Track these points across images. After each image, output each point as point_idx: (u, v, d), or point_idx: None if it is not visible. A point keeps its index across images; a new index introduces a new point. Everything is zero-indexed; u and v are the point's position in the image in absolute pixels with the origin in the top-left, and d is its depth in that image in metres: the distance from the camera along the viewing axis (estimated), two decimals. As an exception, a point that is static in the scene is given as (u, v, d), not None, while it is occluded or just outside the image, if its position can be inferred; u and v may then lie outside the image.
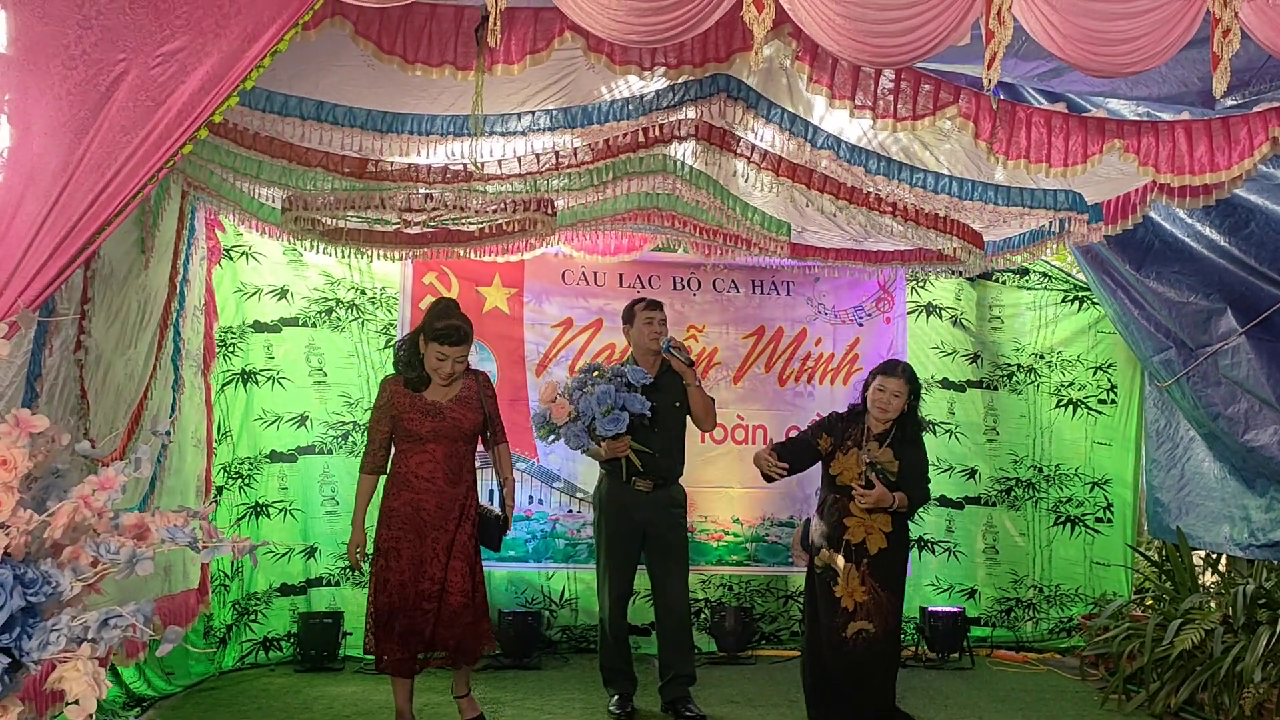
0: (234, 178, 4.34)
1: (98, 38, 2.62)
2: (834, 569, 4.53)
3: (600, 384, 4.92)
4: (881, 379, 4.61)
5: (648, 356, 5.11)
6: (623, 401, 4.88)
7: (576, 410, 4.90)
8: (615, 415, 4.85)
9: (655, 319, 5.12)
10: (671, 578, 5.08)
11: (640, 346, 5.14)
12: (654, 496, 5.03)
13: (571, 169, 4.18)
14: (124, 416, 4.29)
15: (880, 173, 4.12)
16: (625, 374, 4.97)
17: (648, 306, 5.16)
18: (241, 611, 6.05)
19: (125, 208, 2.68)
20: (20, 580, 1.98)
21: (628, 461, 4.98)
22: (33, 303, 2.52)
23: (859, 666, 4.49)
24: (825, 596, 4.57)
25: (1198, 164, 3.65)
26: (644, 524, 5.02)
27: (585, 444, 4.95)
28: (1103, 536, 6.87)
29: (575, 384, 5.01)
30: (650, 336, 5.09)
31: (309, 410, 6.27)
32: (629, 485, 5.01)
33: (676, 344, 5.10)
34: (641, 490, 5.01)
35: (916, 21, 2.87)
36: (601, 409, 4.85)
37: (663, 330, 5.13)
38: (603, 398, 4.86)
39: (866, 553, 4.51)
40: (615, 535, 5.06)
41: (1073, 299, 6.93)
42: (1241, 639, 4.90)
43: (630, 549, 5.06)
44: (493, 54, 3.17)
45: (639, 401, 4.91)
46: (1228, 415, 5.43)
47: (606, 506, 5.10)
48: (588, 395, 4.89)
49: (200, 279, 5.52)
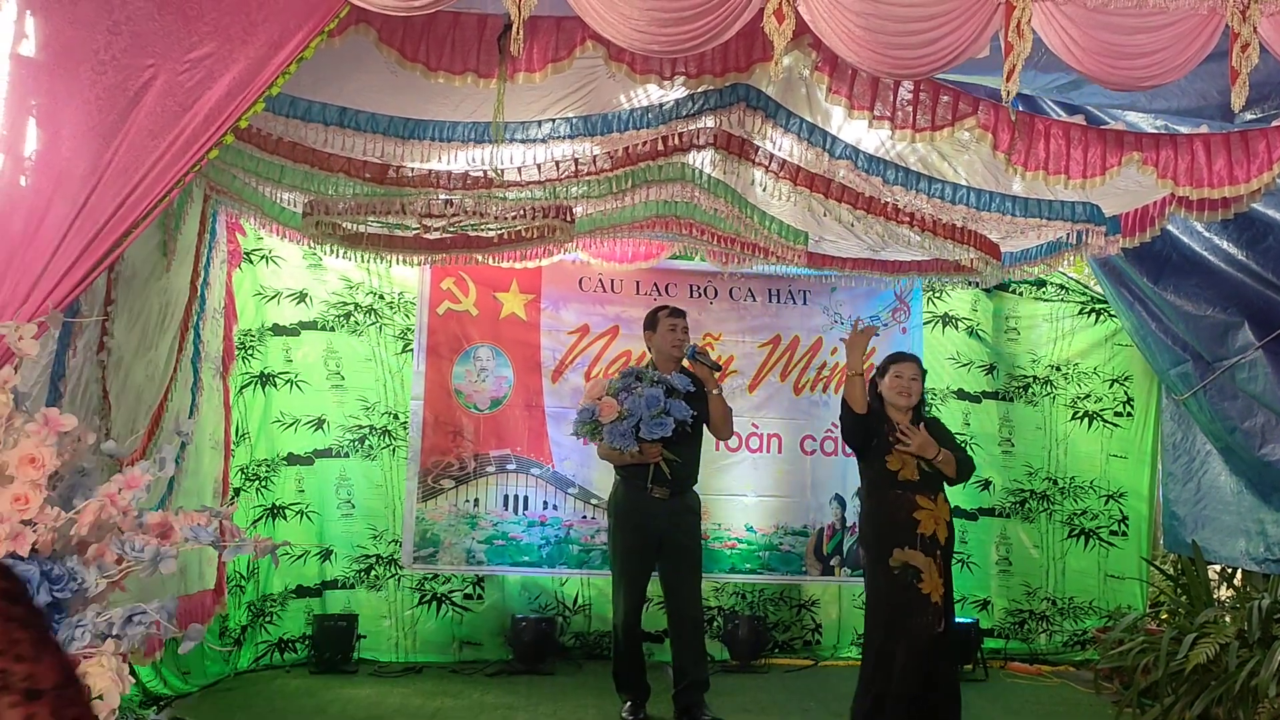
0: (256, 182, 4.38)
1: (127, 43, 2.66)
2: (915, 566, 4.39)
3: (649, 387, 4.95)
4: (896, 367, 4.60)
5: (669, 364, 5.13)
6: (669, 406, 4.91)
7: (625, 410, 4.91)
8: (662, 419, 4.88)
9: (678, 326, 5.14)
10: (685, 585, 5.09)
11: (662, 353, 5.16)
12: (670, 504, 5.04)
13: (590, 176, 4.20)
14: (144, 417, 4.33)
15: (898, 183, 4.13)
16: (670, 380, 5.01)
17: (671, 314, 5.18)
18: (257, 613, 6.09)
19: (151, 212, 2.73)
20: (47, 576, 2.01)
21: (655, 468, 4.98)
22: (60, 304, 2.56)
23: (938, 664, 4.41)
24: (913, 595, 4.38)
25: (1216, 177, 3.66)
26: (660, 531, 5.02)
27: (627, 444, 4.91)
28: (1117, 549, 6.84)
29: (620, 385, 5.02)
30: (673, 343, 5.11)
31: (326, 413, 6.31)
32: (646, 492, 5.01)
33: (701, 349, 5.13)
34: (658, 497, 5.01)
35: (936, 34, 2.89)
36: (651, 411, 4.87)
37: (685, 338, 5.15)
38: (652, 401, 4.88)
39: (939, 544, 4.45)
40: (631, 542, 5.06)
41: (1090, 311, 6.92)
42: (1257, 654, 4.87)
43: (646, 556, 5.06)
44: (515, 62, 3.20)
45: (682, 408, 4.94)
46: (1244, 429, 5.41)
47: (622, 513, 5.10)
48: (637, 397, 4.91)
49: (220, 282, 5.56)
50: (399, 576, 6.29)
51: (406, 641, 6.28)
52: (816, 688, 5.94)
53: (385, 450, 6.35)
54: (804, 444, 6.70)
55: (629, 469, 5.06)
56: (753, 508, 6.61)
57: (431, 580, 6.35)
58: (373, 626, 6.23)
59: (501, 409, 6.43)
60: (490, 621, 6.37)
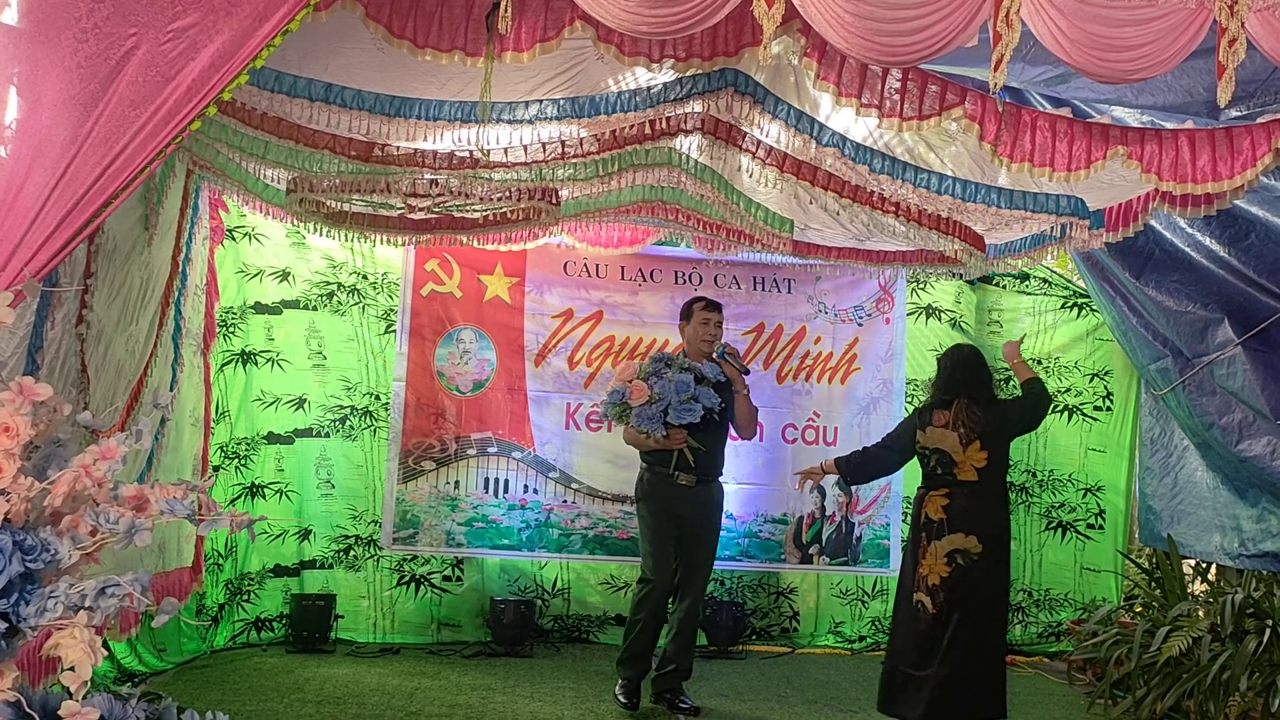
0: (240, 157, 4.35)
1: (109, 11, 2.63)
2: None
3: (678, 373, 4.98)
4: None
5: (700, 356, 5.16)
6: (698, 393, 4.94)
7: (655, 394, 4.94)
8: (690, 405, 4.91)
9: (712, 320, 5.17)
10: (695, 574, 5.11)
11: (693, 345, 5.19)
12: (696, 492, 5.07)
13: (577, 159, 4.19)
14: (123, 392, 4.31)
15: (884, 172, 4.13)
16: (700, 368, 5.05)
17: (707, 306, 5.21)
18: (234, 591, 6.07)
19: (131, 183, 2.70)
20: (20, 546, 2.00)
21: (680, 455, 5.01)
22: (38, 273, 2.53)
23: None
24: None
25: (1200, 173, 3.67)
26: (683, 518, 5.05)
27: (655, 428, 4.93)
28: (1094, 543, 6.89)
29: (650, 370, 5.05)
30: (704, 336, 5.15)
31: (307, 393, 6.29)
32: (673, 479, 5.04)
33: (731, 350, 5.20)
34: (684, 485, 5.04)
35: (925, 21, 2.89)
36: (680, 397, 4.91)
37: (719, 332, 5.19)
38: (682, 386, 4.92)
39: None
40: (658, 527, 5.07)
41: (1072, 305, 6.95)
42: (1229, 647, 4.92)
43: (671, 540, 5.07)
44: (503, 41, 3.17)
45: (710, 395, 4.98)
46: (1222, 425, 5.45)
47: (649, 498, 5.12)
48: (666, 382, 4.95)
49: (202, 258, 5.53)
50: (378, 557, 6.29)
51: (385, 622, 6.27)
52: (793, 674, 5.97)
53: (366, 431, 6.33)
54: (785, 432, 6.72)
55: (653, 455, 5.09)
56: (733, 495, 6.59)
57: (410, 561, 6.34)
58: (351, 607, 6.22)
59: (484, 392, 6.41)
60: (469, 603, 6.37)
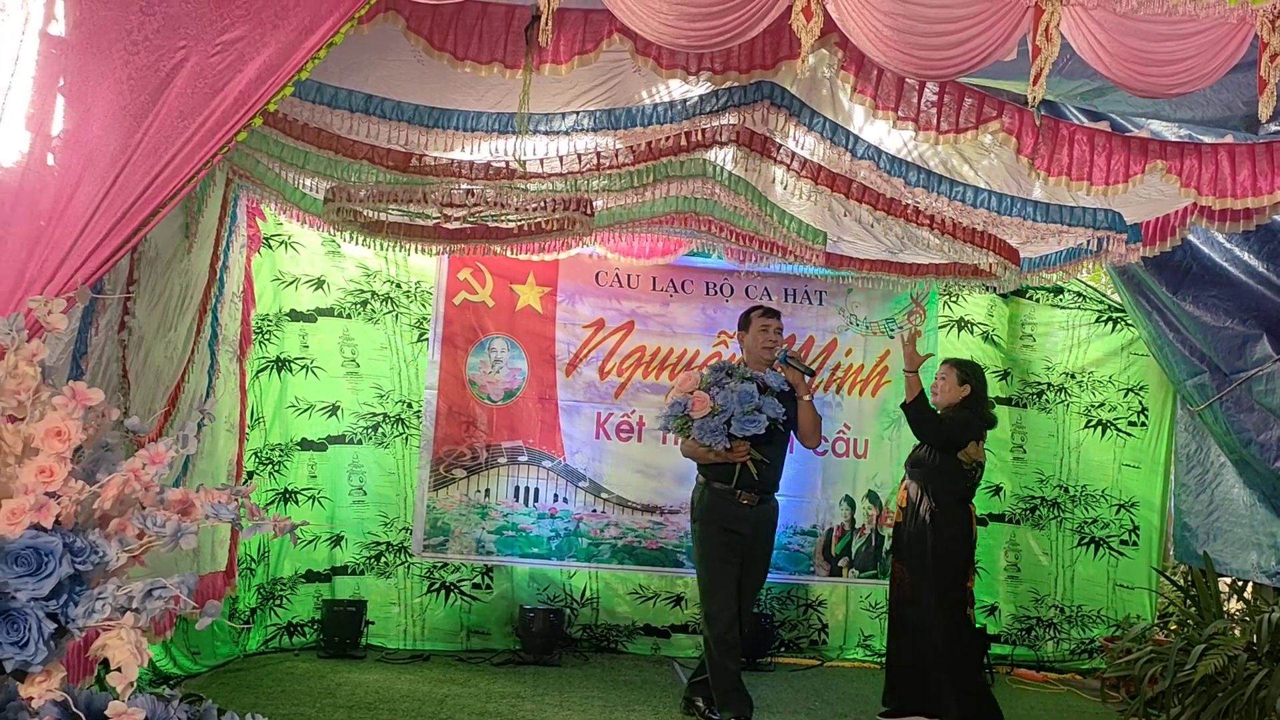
0: (280, 167, 4.39)
1: (159, 24, 2.68)
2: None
3: (740, 383, 4.85)
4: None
5: (760, 365, 5.04)
6: (761, 403, 4.81)
7: (718, 405, 4.80)
8: (755, 416, 4.76)
9: (771, 327, 5.05)
10: (750, 592, 5.03)
11: (753, 354, 5.07)
12: (757, 510, 4.94)
13: (612, 170, 4.21)
14: (161, 398, 4.36)
15: (920, 185, 4.13)
16: (764, 377, 4.92)
17: (765, 314, 5.11)
18: (267, 596, 6.12)
19: (179, 192, 2.75)
20: (69, 548, 2.04)
21: (742, 468, 4.87)
22: (87, 281, 2.58)
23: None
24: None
25: (1240, 187, 3.65)
26: (744, 537, 4.92)
27: (718, 441, 4.78)
28: (1127, 559, 6.83)
29: (711, 380, 4.91)
30: (764, 344, 5.03)
31: (341, 400, 6.34)
32: (734, 497, 4.89)
33: (794, 354, 5.06)
34: (745, 504, 4.91)
35: (964, 35, 2.89)
36: (744, 407, 4.76)
37: (778, 339, 5.06)
38: (745, 396, 4.77)
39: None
40: (721, 550, 4.92)
41: (1106, 320, 6.90)
42: (1265, 666, 4.86)
43: (734, 565, 4.91)
44: (541, 53, 3.21)
45: (774, 406, 4.84)
46: (1260, 441, 5.39)
47: (708, 518, 4.96)
48: (729, 392, 4.80)
49: (239, 266, 5.59)
50: (408, 564, 6.32)
51: (415, 629, 6.31)
52: (822, 687, 5.95)
53: (398, 438, 6.38)
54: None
55: (713, 469, 4.94)
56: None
57: (440, 569, 6.37)
58: (381, 613, 6.26)
59: (515, 401, 6.45)
60: (498, 611, 6.39)
